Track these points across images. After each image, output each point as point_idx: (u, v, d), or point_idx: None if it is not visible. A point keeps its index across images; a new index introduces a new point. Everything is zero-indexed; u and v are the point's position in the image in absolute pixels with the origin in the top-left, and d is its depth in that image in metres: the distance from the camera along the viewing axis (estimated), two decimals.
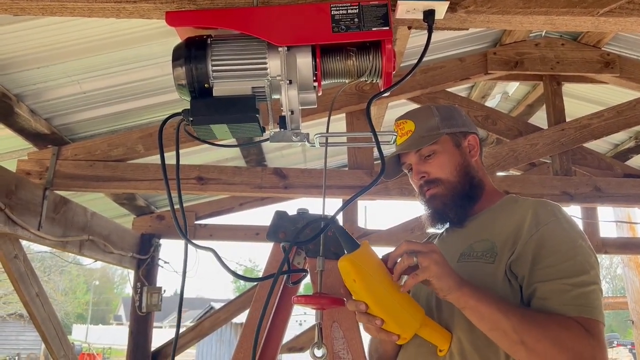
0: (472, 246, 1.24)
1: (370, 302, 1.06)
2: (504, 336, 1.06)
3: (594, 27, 1.24)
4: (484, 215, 1.31)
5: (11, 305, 20.07)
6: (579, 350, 1.03)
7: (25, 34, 2.11)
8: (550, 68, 3.13)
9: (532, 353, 1.04)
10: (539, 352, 1.03)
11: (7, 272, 2.60)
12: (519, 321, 1.05)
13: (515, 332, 1.04)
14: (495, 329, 1.06)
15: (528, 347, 1.04)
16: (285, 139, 1.15)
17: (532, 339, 1.04)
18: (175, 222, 1.10)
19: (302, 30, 1.10)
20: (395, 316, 1.09)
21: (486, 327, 1.08)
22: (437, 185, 1.32)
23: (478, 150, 1.37)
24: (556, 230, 1.16)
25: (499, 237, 1.20)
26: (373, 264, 1.09)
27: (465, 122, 1.39)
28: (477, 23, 1.24)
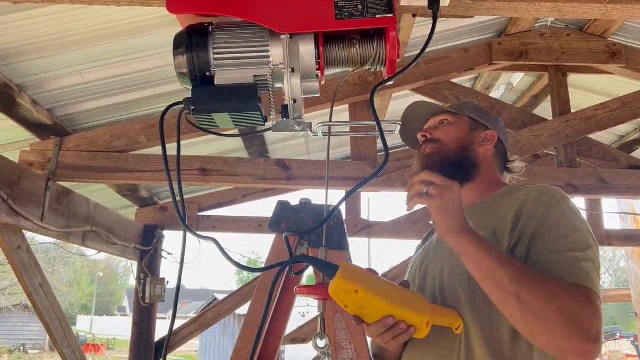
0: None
1: (381, 302, 1.05)
2: (499, 288, 1.03)
3: (602, 14, 1.21)
4: (484, 204, 1.32)
5: (16, 296, 20.20)
6: (577, 314, 1.00)
7: (27, 23, 2.10)
8: (555, 58, 3.10)
9: (526, 309, 1.00)
10: (533, 308, 1.00)
11: (11, 263, 2.60)
12: (516, 274, 1.02)
13: (511, 284, 1.01)
14: (491, 279, 1.04)
15: (522, 301, 1.00)
16: (287, 129, 1.13)
17: (528, 293, 1.00)
18: (176, 211, 1.09)
19: (305, 18, 1.08)
20: (409, 305, 1.08)
21: (481, 277, 1.06)
22: (433, 144, 1.36)
23: (492, 145, 1.38)
24: (556, 211, 1.16)
25: (500, 222, 1.20)
26: (360, 271, 1.08)
27: (494, 123, 1.42)
28: (482, 10, 1.22)
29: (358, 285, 1.03)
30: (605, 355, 16.15)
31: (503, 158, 1.43)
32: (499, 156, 1.42)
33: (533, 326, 1.00)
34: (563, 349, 1.00)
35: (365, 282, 1.04)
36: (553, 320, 0.99)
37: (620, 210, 5.96)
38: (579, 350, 0.99)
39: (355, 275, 1.05)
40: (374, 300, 1.05)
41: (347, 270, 1.04)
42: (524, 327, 1.03)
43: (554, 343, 1.00)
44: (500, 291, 1.03)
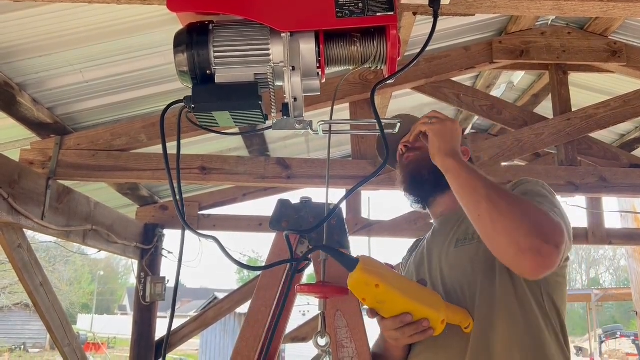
0: (467, 231, 1.31)
1: (401, 298, 1.06)
2: (473, 192, 1.13)
3: (603, 12, 1.21)
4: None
5: (16, 295, 20.22)
6: (541, 221, 1.06)
7: (27, 22, 2.09)
8: (556, 57, 3.10)
9: (494, 208, 1.08)
10: (500, 208, 1.08)
11: (11, 261, 2.60)
12: (491, 184, 1.14)
13: (484, 188, 1.12)
14: (467, 186, 1.15)
15: (491, 201, 1.09)
16: (288, 127, 1.13)
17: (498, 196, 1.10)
18: (177, 209, 1.09)
19: (306, 16, 1.08)
20: (426, 302, 1.09)
21: (458, 187, 1.17)
22: (415, 152, 1.46)
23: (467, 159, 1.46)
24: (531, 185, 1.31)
25: None
26: (380, 265, 1.08)
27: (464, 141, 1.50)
28: (483, 9, 1.21)
29: (379, 279, 1.03)
30: (605, 354, 16.15)
31: None
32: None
33: (497, 223, 1.07)
34: (521, 247, 1.03)
35: (386, 277, 1.05)
36: (517, 220, 1.06)
37: (621, 209, 5.95)
38: (537, 248, 1.03)
39: (376, 269, 1.05)
40: (393, 295, 1.05)
41: (368, 264, 1.05)
42: (488, 225, 1.09)
43: (514, 241, 1.04)
44: (473, 194, 1.13)
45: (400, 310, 1.07)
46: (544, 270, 1.06)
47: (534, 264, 1.04)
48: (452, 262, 1.31)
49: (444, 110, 4.44)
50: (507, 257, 1.09)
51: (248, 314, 1.25)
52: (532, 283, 1.22)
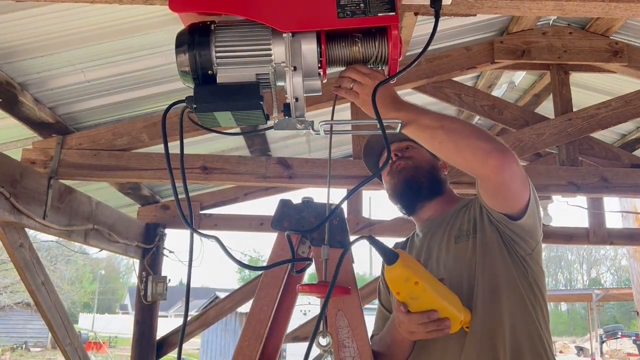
0: (461, 228, 1.43)
1: (434, 297, 1.10)
2: (426, 129, 1.22)
3: (605, 12, 1.21)
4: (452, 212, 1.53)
5: (18, 294, 20.24)
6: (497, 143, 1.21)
7: (29, 21, 2.10)
8: (557, 57, 3.10)
9: (451, 131, 1.20)
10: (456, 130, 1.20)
11: (13, 261, 2.60)
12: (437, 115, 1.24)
13: (438, 120, 1.22)
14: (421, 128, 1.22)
15: (447, 128, 1.20)
16: (289, 127, 1.13)
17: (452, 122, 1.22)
18: (179, 211, 1.09)
19: (307, 16, 1.08)
20: (452, 302, 1.15)
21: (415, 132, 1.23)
22: (407, 160, 1.55)
23: (446, 171, 1.64)
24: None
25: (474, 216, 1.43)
26: (416, 262, 1.13)
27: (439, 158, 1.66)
28: (484, 9, 1.22)
29: (418, 277, 1.07)
30: (606, 354, 16.14)
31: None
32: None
33: (458, 141, 1.20)
34: (486, 149, 1.19)
35: (422, 275, 1.09)
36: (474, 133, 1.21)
37: (622, 209, 5.95)
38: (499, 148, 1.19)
39: (415, 265, 1.09)
40: (428, 293, 1.09)
41: (407, 260, 1.09)
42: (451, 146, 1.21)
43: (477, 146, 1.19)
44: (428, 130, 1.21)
45: (427, 307, 1.12)
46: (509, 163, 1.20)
47: (500, 160, 1.19)
48: (456, 255, 1.41)
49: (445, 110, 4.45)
50: (477, 163, 1.22)
51: (250, 314, 1.25)
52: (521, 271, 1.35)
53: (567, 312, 40.99)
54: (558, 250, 43.61)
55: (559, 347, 19.40)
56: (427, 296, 1.10)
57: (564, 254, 44.58)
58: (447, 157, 1.29)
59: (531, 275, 1.37)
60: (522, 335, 1.29)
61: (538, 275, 1.39)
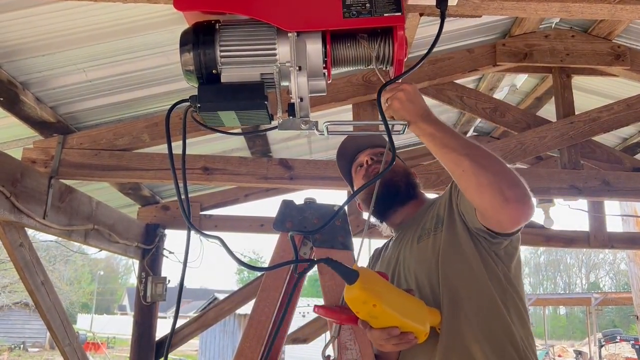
0: (424, 227, 1.44)
1: (396, 318, 1.08)
2: (452, 151, 1.20)
3: (610, 14, 1.21)
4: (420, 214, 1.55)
5: (17, 294, 20.22)
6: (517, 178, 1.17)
7: (31, 20, 2.09)
8: (560, 60, 3.09)
9: (476, 163, 1.16)
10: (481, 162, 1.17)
11: (13, 260, 2.59)
12: (467, 142, 1.22)
13: (463, 147, 1.19)
14: (446, 147, 1.21)
15: (472, 158, 1.17)
16: (294, 127, 1.12)
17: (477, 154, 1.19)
18: (182, 210, 1.08)
19: (312, 16, 1.07)
20: (415, 317, 1.13)
21: (438, 148, 1.22)
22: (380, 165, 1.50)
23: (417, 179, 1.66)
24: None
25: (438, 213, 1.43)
26: (377, 280, 1.10)
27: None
28: (490, 10, 1.21)
29: (377, 299, 1.05)
30: (605, 358, 16.13)
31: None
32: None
33: (481, 177, 1.16)
34: (506, 197, 1.14)
35: (383, 296, 1.07)
36: (500, 172, 1.16)
37: (623, 213, 5.94)
38: (519, 197, 1.14)
39: (374, 286, 1.06)
40: (387, 314, 1.07)
41: (367, 280, 1.05)
42: (473, 180, 1.17)
43: (499, 190, 1.14)
44: (453, 153, 1.20)
45: (389, 325, 1.10)
46: (526, 217, 1.17)
47: (518, 211, 1.15)
48: (417, 257, 1.41)
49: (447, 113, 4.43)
50: (493, 207, 1.17)
51: (251, 315, 1.24)
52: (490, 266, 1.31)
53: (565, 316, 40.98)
54: (557, 254, 43.60)
55: (558, 350, 19.38)
56: (386, 316, 1.08)
57: (562, 257, 44.57)
58: (464, 188, 1.24)
59: (502, 270, 1.33)
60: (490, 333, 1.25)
61: (510, 268, 1.34)
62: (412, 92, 1.23)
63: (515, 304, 1.31)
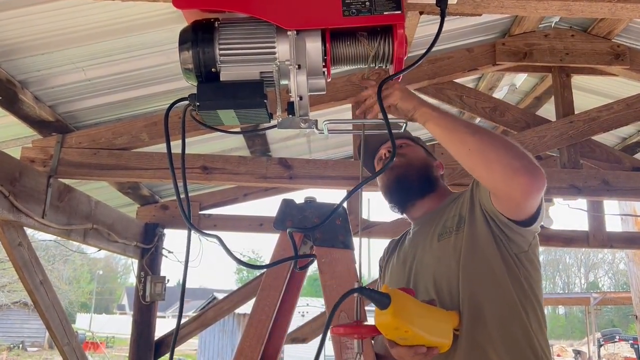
0: (445, 225, 1.40)
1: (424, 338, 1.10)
2: (457, 132, 1.20)
3: (611, 13, 1.20)
4: (441, 208, 1.50)
5: (15, 293, 20.19)
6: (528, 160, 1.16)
7: (30, 19, 2.09)
8: (559, 59, 3.09)
9: (482, 140, 1.17)
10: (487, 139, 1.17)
11: (12, 260, 2.59)
12: (473, 125, 1.24)
13: (468, 128, 1.21)
14: (453, 130, 1.21)
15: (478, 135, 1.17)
16: (293, 126, 1.12)
17: (483, 132, 1.19)
18: (180, 209, 1.08)
19: (312, 14, 1.07)
20: (442, 332, 1.16)
21: (445, 133, 1.22)
22: (400, 158, 1.52)
23: (441, 172, 1.63)
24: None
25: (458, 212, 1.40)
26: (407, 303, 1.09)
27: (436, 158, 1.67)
28: (490, 8, 1.21)
29: (409, 325, 1.05)
30: (604, 357, 16.14)
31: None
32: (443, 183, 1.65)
33: (488, 153, 1.16)
34: (515, 168, 1.14)
35: (414, 321, 1.07)
36: (504, 147, 1.16)
37: (622, 213, 5.94)
38: (528, 167, 1.14)
39: (407, 311, 1.06)
40: (417, 336, 1.08)
41: (399, 306, 1.04)
42: (480, 157, 1.18)
43: (507, 163, 1.14)
44: (458, 133, 1.20)
45: (416, 344, 1.11)
46: (538, 187, 1.16)
47: (529, 179, 1.14)
48: (438, 254, 1.39)
49: None
50: (503, 181, 1.17)
51: (251, 314, 1.24)
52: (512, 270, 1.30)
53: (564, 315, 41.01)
54: (556, 254, 43.62)
55: (557, 350, 19.39)
56: (415, 338, 1.09)
57: (562, 257, 44.59)
58: (472, 167, 1.23)
59: (523, 274, 1.32)
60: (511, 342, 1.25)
61: (532, 274, 1.34)
62: (406, 89, 1.27)
63: (534, 310, 1.30)
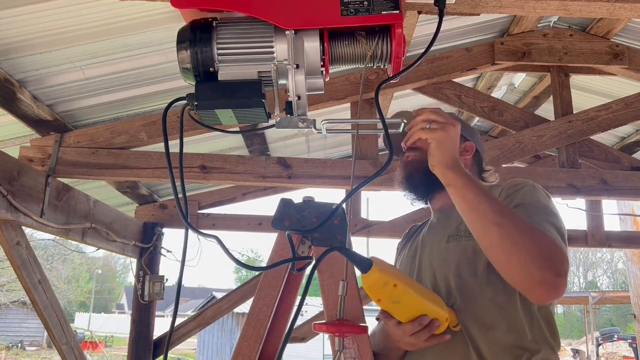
0: (458, 227, 1.33)
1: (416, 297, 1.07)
2: (482, 217, 1.09)
3: (609, 13, 1.20)
4: None
5: (14, 292, 20.18)
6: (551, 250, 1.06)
7: (28, 18, 2.08)
8: (558, 59, 3.09)
9: (506, 237, 1.06)
10: (512, 237, 1.06)
11: (10, 259, 2.59)
12: (499, 207, 1.10)
13: (494, 213, 1.08)
14: (475, 210, 1.11)
15: (503, 229, 1.06)
16: (291, 125, 1.12)
17: (509, 223, 1.07)
18: (178, 208, 1.08)
19: (310, 13, 1.06)
20: (435, 301, 1.11)
21: (466, 208, 1.12)
22: (415, 152, 1.43)
23: (470, 156, 1.48)
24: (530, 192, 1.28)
25: None
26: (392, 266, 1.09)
27: (472, 134, 1.51)
28: (489, 8, 1.21)
29: (396, 279, 1.04)
30: (602, 356, 16.16)
31: (479, 168, 1.52)
32: (475, 165, 1.51)
33: (511, 255, 1.07)
34: (535, 279, 1.06)
35: (400, 277, 1.06)
36: (531, 251, 1.05)
37: (620, 212, 5.95)
38: (550, 281, 1.06)
39: (390, 269, 1.05)
40: (409, 295, 1.06)
41: (382, 265, 1.05)
42: (501, 256, 1.09)
43: (528, 272, 1.06)
44: (483, 220, 1.09)
45: (414, 312, 1.09)
46: (555, 298, 1.11)
47: (547, 294, 1.08)
48: (444, 256, 1.35)
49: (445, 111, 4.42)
50: (520, 287, 1.12)
51: (249, 314, 1.24)
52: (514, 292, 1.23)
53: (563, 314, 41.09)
54: None
55: None
56: (408, 298, 1.06)
57: None
58: (491, 259, 1.13)
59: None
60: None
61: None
62: (457, 133, 1.18)
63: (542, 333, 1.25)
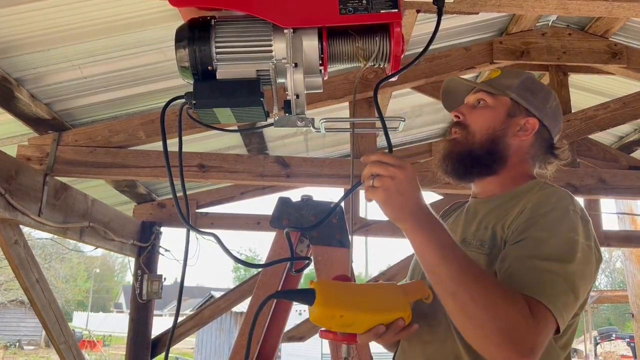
0: (475, 233, 1.21)
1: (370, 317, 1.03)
2: (439, 283, 1.00)
3: (608, 12, 1.20)
4: (503, 197, 1.24)
5: (12, 291, 20.15)
6: (513, 325, 0.94)
7: (26, 16, 2.08)
8: (556, 58, 3.10)
9: (460, 310, 0.98)
10: (467, 311, 0.96)
11: (8, 258, 2.58)
12: (458, 273, 0.97)
13: (451, 281, 0.97)
14: (432, 273, 1.01)
15: (458, 301, 0.97)
16: (289, 124, 1.12)
17: (464, 295, 0.96)
18: (177, 208, 1.08)
19: (309, 12, 1.06)
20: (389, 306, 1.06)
21: (424, 266, 1.03)
22: (462, 130, 1.27)
23: (530, 135, 1.26)
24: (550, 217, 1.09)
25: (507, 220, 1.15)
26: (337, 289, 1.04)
27: (540, 106, 1.28)
28: (487, 7, 1.20)
29: (341, 309, 0.99)
30: (600, 356, 16.20)
31: (545, 145, 1.31)
32: (537, 145, 1.30)
33: (466, 329, 0.99)
34: (494, 357, 0.97)
35: (347, 303, 1.01)
36: (487, 327, 0.95)
37: (618, 211, 5.97)
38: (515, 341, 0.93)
39: (335, 297, 1.01)
40: (358, 317, 1.02)
41: (325, 295, 1.00)
42: (458, 325, 1.01)
43: (486, 348, 0.97)
44: (438, 285, 1.00)
45: (369, 326, 1.04)
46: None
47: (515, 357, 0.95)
48: None
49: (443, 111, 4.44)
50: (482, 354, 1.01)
51: (247, 313, 1.24)
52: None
53: None
54: None
55: None
56: (359, 319, 1.03)
57: None
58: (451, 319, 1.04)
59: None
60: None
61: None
62: (405, 181, 0.99)
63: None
